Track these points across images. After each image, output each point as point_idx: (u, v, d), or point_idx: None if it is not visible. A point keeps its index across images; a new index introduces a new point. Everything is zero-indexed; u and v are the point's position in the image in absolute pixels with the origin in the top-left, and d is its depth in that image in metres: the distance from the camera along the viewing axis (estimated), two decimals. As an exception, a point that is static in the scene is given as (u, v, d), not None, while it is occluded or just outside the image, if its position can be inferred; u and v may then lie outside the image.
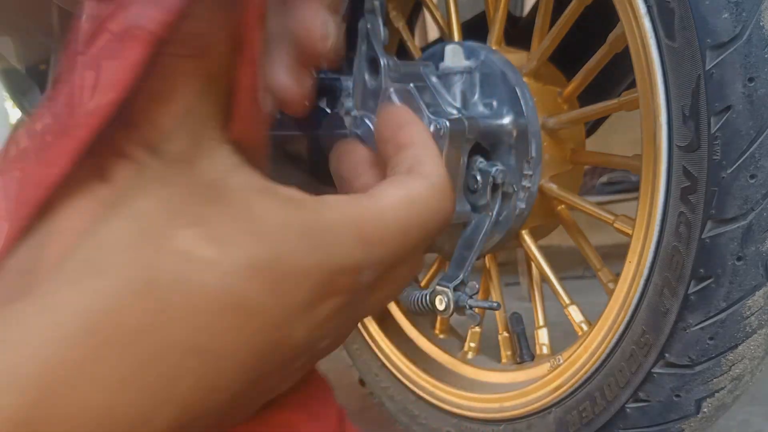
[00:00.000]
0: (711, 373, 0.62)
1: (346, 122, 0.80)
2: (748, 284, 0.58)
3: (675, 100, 0.59)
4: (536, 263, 0.83)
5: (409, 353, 0.98)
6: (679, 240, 0.60)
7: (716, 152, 0.56)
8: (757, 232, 0.57)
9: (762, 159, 0.55)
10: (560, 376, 0.75)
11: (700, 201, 0.58)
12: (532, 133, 0.76)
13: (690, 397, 0.63)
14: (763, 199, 0.56)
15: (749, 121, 0.55)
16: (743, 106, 0.55)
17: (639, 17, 0.61)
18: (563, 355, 0.76)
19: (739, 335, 0.60)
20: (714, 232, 0.58)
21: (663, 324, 0.62)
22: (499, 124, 0.76)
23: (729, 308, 0.59)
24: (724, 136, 0.56)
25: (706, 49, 0.56)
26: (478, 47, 0.80)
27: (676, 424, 0.65)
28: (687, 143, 0.59)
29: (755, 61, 0.54)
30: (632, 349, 0.66)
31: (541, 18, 0.80)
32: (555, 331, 0.86)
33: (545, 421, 0.75)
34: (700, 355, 0.61)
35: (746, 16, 0.54)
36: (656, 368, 0.64)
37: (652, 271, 0.63)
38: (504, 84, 0.77)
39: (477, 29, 0.88)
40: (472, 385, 0.88)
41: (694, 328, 0.60)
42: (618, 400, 0.67)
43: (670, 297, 0.62)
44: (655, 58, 0.60)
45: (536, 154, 0.77)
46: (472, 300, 0.73)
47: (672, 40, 0.58)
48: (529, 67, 0.79)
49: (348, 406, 1.15)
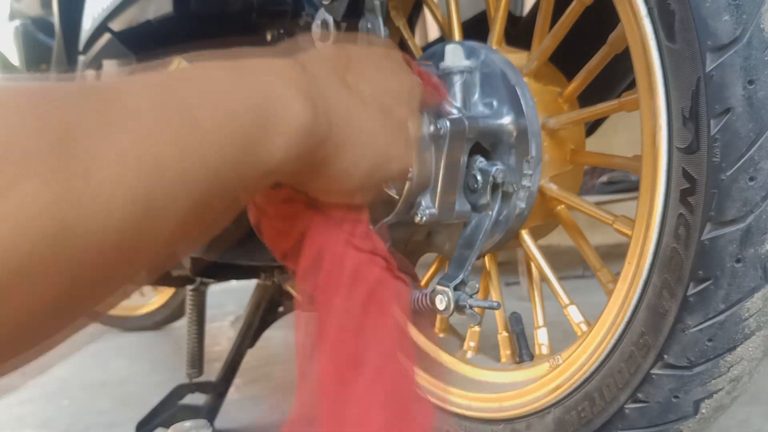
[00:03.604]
0: (709, 375, 0.62)
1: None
2: (747, 286, 0.58)
3: (675, 101, 0.59)
4: (536, 263, 0.83)
5: (409, 352, 0.99)
6: (678, 241, 0.60)
7: (716, 154, 0.56)
8: (756, 234, 0.57)
9: (761, 161, 0.55)
10: (559, 376, 0.75)
11: (699, 203, 0.58)
12: (532, 133, 0.76)
13: (688, 398, 0.63)
14: (762, 201, 0.56)
15: (749, 124, 0.55)
16: (743, 109, 0.55)
17: (639, 18, 0.61)
18: (562, 355, 0.76)
19: (737, 337, 0.60)
20: (713, 234, 0.58)
21: (662, 325, 0.63)
22: (499, 124, 0.76)
23: (728, 310, 0.59)
24: (724, 138, 0.56)
25: (707, 51, 0.56)
26: (478, 47, 0.80)
27: (674, 425, 0.65)
28: (687, 145, 0.59)
29: (755, 64, 0.54)
30: (631, 350, 0.66)
31: (541, 18, 0.80)
32: (554, 331, 0.86)
33: (544, 421, 0.75)
34: (699, 357, 0.61)
35: (746, 19, 0.54)
36: (655, 369, 0.64)
37: (652, 272, 0.64)
38: (504, 84, 0.77)
39: (477, 29, 0.88)
40: (471, 385, 0.88)
41: (693, 329, 0.60)
42: (617, 400, 0.67)
43: (669, 298, 0.62)
44: (656, 59, 0.60)
45: (536, 154, 0.77)
46: (472, 299, 0.73)
47: (672, 42, 0.58)
48: (530, 67, 0.79)
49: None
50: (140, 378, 1.72)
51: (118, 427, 1.34)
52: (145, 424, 1.18)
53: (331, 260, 0.52)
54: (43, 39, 1.41)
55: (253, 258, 0.91)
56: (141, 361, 1.91)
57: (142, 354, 2.00)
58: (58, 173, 0.28)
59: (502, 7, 0.83)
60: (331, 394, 0.47)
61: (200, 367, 1.35)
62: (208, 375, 1.34)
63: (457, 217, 0.77)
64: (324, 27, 0.77)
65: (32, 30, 1.43)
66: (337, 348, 0.48)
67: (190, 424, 0.95)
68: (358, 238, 0.54)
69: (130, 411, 1.32)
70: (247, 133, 0.38)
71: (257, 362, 1.65)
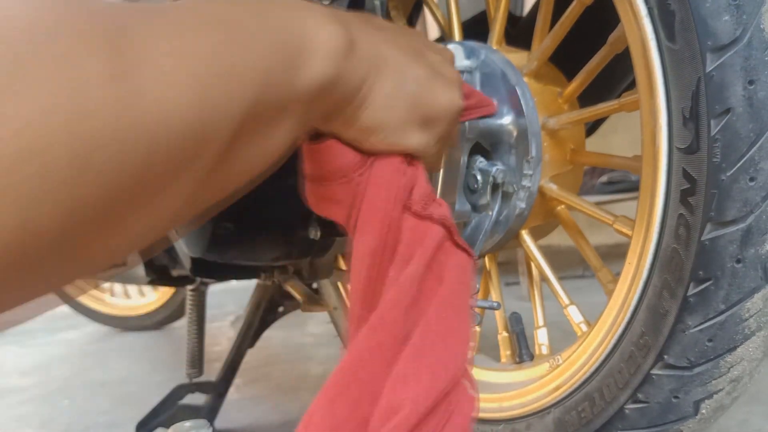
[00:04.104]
0: (709, 375, 0.62)
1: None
2: (747, 286, 0.58)
3: (675, 102, 0.59)
4: (536, 263, 0.83)
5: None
6: (678, 242, 0.60)
7: (716, 155, 0.56)
8: (757, 234, 0.57)
9: (762, 162, 0.55)
10: (559, 377, 0.75)
11: (699, 203, 0.58)
12: (532, 133, 0.76)
13: (688, 399, 0.63)
14: (762, 201, 0.56)
15: (749, 124, 0.55)
16: (743, 109, 0.55)
17: (640, 18, 0.61)
18: (562, 356, 0.77)
19: (737, 337, 0.60)
20: (713, 235, 0.58)
21: (662, 325, 0.62)
22: (499, 124, 0.76)
23: (728, 310, 0.59)
24: (724, 138, 0.56)
25: (707, 51, 0.56)
26: (478, 47, 0.80)
27: (674, 426, 0.65)
28: (687, 145, 0.59)
29: (755, 64, 0.54)
30: (631, 350, 0.66)
31: (541, 18, 0.80)
32: (554, 331, 0.86)
33: (544, 422, 0.75)
34: (699, 357, 0.61)
35: (747, 19, 0.54)
36: (655, 369, 0.64)
37: (652, 272, 0.64)
38: (504, 84, 0.77)
39: (477, 29, 0.88)
40: (471, 385, 0.88)
41: (693, 329, 0.60)
42: (617, 401, 0.67)
43: (669, 298, 0.62)
44: (656, 59, 0.60)
45: (536, 154, 0.77)
46: (472, 300, 0.73)
47: (672, 42, 0.58)
48: (530, 67, 0.79)
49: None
50: (140, 378, 1.72)
51: (118, 427, 1.34)
52: (145, 424, 1.18)
53: (387, 228, 0.48)
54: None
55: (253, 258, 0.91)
56: (141, 361, 1.91)
57: (142, 354, 2.00)
58: (117, 59, 0.27)
59: (502, 7, 0.82)
60: (373, 369, 0.43)
61: (200, 367, 1.35)
62: (208, 375, 1.34)
63: (457, 217, 0.77)
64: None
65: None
66: (386, 324, 0.44)
67: (190, 424, 0.95)
68: (417, 202, 0.49)
69: (130, 411, 1.33)
70: (286, 44, 0.39)
71: (257, 362, 1.65)
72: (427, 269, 0.48)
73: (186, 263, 0.94)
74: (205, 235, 0.82)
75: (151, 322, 2.23)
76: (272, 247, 0.89)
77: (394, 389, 0.42)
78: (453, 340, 0.46)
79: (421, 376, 0.43)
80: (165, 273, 1.14)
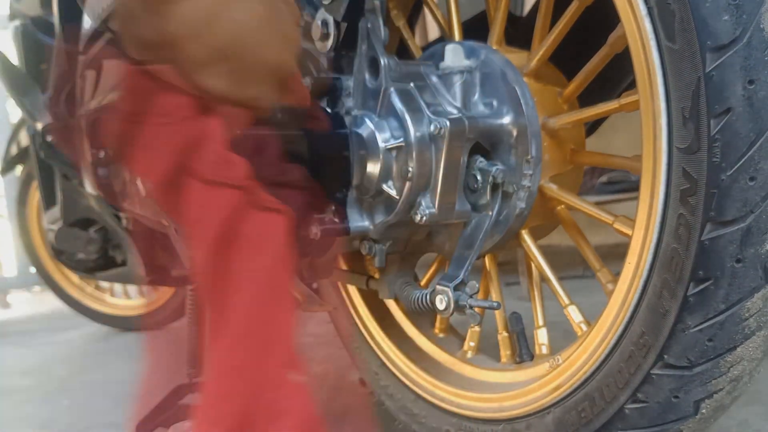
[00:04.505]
0: (710, 375, 0.62)
1: (347, 121, 0.80)
2: (747, 286, 0.58)
3: (675, 101, 0.59)
4: (536, 263, 0.83)
5: (409, 352, 0.99)
6: (678, 242, 0.60)
7: (716, 154, 0.56)
8: (756, 234, 0.57)
9: (761, 162, 0.55)
10: (559, 376, 0.75)
11: (699, 203, 0.58)
12: (532, 133, 0.76)
13: (688, 399, 0.63)
14: (762, 201, 0.56)
15: (749, 124, 0.55)
16: (743, 109, 0.55)
17: (639, 18, 0.61)
18: (562, 355, 0.76)
19: (737, 337, 0.60)
20: (713, 234, 0.58)
21: (662, 325, 0.62)
22: (499, 124, 0.76)
23: (728, 310, 0.59)
24: (724, 138, 0.56)
25: (707, 51, 0.56)
26: (478, 47, 0.80)
27: (674, 425, 0.65)
28: (687, 145, 0.59)
29: (755, 64, 0.54)
30: (631, 350, 0.66)
31: (541, 18, 0.80)
32: (554, 331, 0.86)
33: (544, 422, 0.75)
34: (699, 357, 0.61)
35: (746, 19, 0.54)
36: (655, 369, 0.64)
37: (652, 272, 0.64)
38: (504, 84, 0.77)
39: (477, 29, 0.88)
40: (471, 385, 0.88)
41: (693, 329, 0.60)
42: (617, 400, 0.67)
43: (669, 298, 0.62)
44: (656, 59, 0.60)
45: (536, 154, 0.77)
46: (472, 299, 0.73)
47: (672, 42, 0.58)
48: (530, 67, 0.79)
49: (348, 405, 1.16)
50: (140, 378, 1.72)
51: (118, 427, 1.34)
52: (145, 424, 1.18)
53: (182, 196, 0.40)
54: (43, 39, 1.41)
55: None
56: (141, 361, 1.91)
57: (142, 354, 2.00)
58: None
59: (502, 7, 0.82)
60: (209, 350, 0.39)
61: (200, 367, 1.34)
62: (208, 375, 1.33)
63: (457, 217, 0.77)
64: (324, 27, 0.77)
65: (32, 30, 1.43)
66: (206, 298, 0.40)
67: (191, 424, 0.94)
68: (206, 163, 0.41)
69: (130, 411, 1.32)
70: None
71: (257, 362, 1.64)
72: (226, 244, 0.41)
73: (186, 263, 0.94)
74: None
75: (150, 322, 2.23)
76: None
77: (214, 371, 0.39)
78: (271, 329, 0.40)
79: (238, 359, 0.38)
80: (165, 273, 1.14)
